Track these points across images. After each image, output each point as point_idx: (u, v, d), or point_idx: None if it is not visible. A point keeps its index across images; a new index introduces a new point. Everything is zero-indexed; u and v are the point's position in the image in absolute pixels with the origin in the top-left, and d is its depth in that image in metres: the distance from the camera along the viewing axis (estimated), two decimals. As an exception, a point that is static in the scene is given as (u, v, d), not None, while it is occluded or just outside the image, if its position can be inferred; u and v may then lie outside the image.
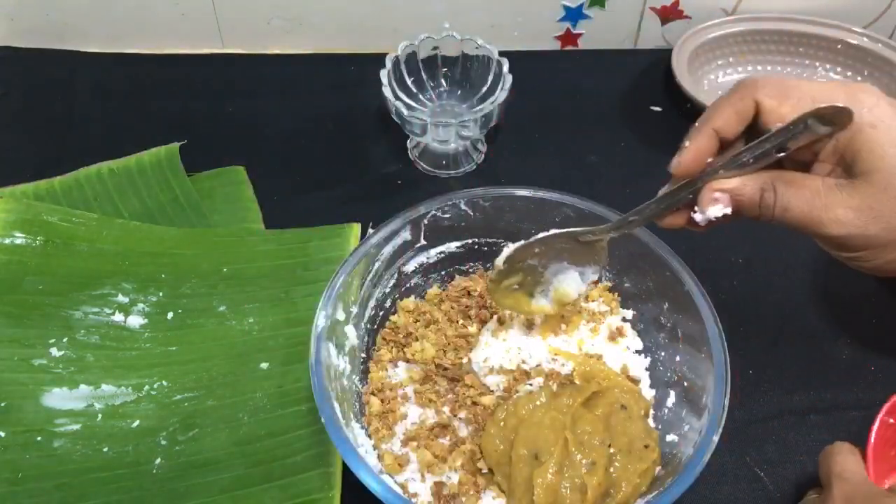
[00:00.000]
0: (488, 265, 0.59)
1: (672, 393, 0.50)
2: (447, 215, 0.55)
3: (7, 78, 0.81)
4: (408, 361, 0.54)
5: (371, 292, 0.54)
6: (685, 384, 0.49)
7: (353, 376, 0.51)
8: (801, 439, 0.54)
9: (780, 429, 0.55)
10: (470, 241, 0.58)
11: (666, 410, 0.50)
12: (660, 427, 0.50)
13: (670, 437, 0.48)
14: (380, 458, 0.48)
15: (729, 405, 0.44)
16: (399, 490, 0.45)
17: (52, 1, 0.80)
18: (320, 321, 0.48)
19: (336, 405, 0.45)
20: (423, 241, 0.56)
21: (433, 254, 0.58)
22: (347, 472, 0.51)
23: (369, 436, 0.49)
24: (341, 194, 0.71)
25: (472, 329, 0.55)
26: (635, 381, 0.52)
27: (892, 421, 0.49)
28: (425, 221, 0.55)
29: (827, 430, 0.55)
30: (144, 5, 0.81)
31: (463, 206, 0.55)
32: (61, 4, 0.81)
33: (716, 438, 0.43)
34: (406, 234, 0.55)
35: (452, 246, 0.58)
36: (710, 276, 0.51)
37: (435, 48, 0.71)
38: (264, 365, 0.56)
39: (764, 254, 0.66)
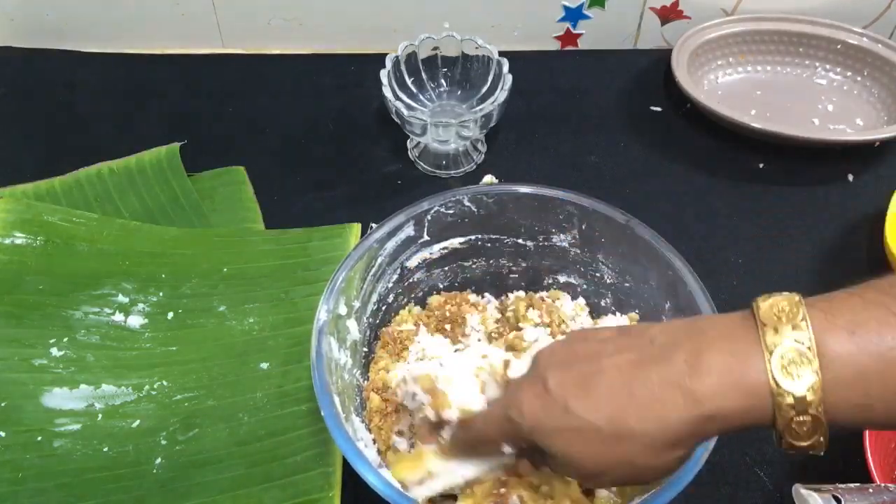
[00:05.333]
0: (491, 261, 0.59)
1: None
2: (450, 211, 0.56)
3: (7, 78, 0.81)
4: None
5: (374, 287, 0.54)
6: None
7: (355, 370, 0.52)
8: (801, 439, 0.54)
9: (780, 429, 0.55)
10: (473, 237, 0.58)
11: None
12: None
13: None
14: (380, 452, 0.48)
15: (729, 405, 0.44)
16: (397, 485, 0.45)
17: (52, 1, 0.80)
18: (322, 315, 0.48)
19: (336, 399, 0.45)
20: (426, 237, 0.56)
21: (436, 249, 0.58)
22: (347, 472, 0.51)
23: (369, 430, 0.50)
24: (341, 194, 0.71)
25: None
26: None
27: None
28: (428, 217, 0.55)
29: (827, 430, 0.55)
30: (144, 5, 0.81)
31: (466, 203, 0.56)
32: (61, 4, 0.81)
33: (714, 438, 0.43)
34: (409, 230, 0.55)
35: (455, 242, 0.58)
36: (710, 276, 0.51)
37: (435, 48, 0.71)
38: (264, 365, 0.56)
39: (764, 254, 0.66)
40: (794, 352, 0.30)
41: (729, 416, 0.32)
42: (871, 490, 0.44)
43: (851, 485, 0.44)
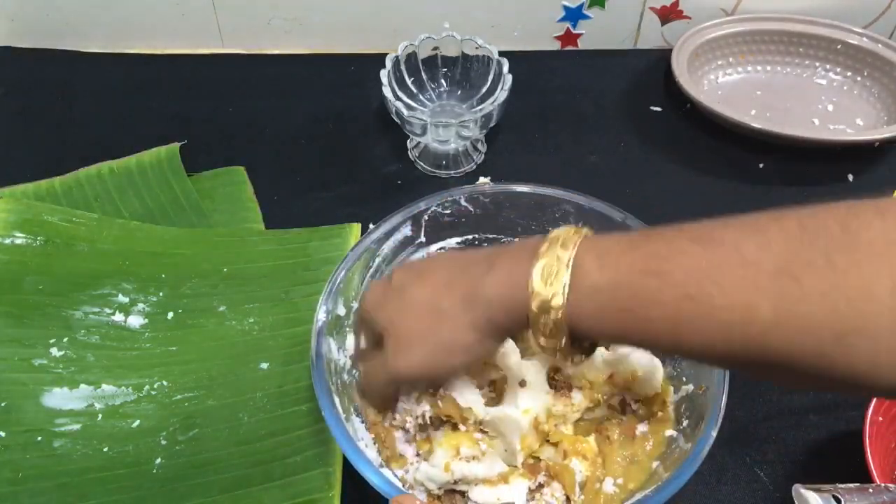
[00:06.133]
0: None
1: (672, 390, 0.50)
2: (447, 211, 0.56)
3: (7, 78, 0.81)
4: None
5: (373, 288, 0.54)
6: (684, 379, 0.49)
7: (354, 371, 0.51)
8: (800, 439, 0.54)
9: (779, 429, 0.55)
10: (470, 236, 0.58)
11: (667, 408, 0.50)
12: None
13: (669, 433, 0.48)
14: (380, 452, 0.48)
15: (729, 405, 0.44)
16: (398, 483, 0.45)
17: (52, 1, 0.80)
18: (321, 316, 0.48)
19: (336, 399, 0.45)
20: (423, 237, 0.56)
21: (434, 249, 0.58)
22: (347, 473, 0.51)
23: (369, 430, 0.50)
24: (341, 194, 0.71)
25: None
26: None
27: (881, 419, 0.49)
28: (426, 217, 0.55)
29: (826, 430, 0.55)
30: (144, 5, 0.81)
31: (463, 202, 0.56)
32: (61, 4, 0.81)
33: (714, 434, 0.43)
34: (407, 230, 0.55)
35: (453, 242, 0.58)
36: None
37: (435, 48, 0.71)
38: (264, 365, 0.56)
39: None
40: (554, 263, 0.37)
41: (501, 305, 0.39)
42: (871, 490, 0.44)
43: (851, 485, 0.44)
